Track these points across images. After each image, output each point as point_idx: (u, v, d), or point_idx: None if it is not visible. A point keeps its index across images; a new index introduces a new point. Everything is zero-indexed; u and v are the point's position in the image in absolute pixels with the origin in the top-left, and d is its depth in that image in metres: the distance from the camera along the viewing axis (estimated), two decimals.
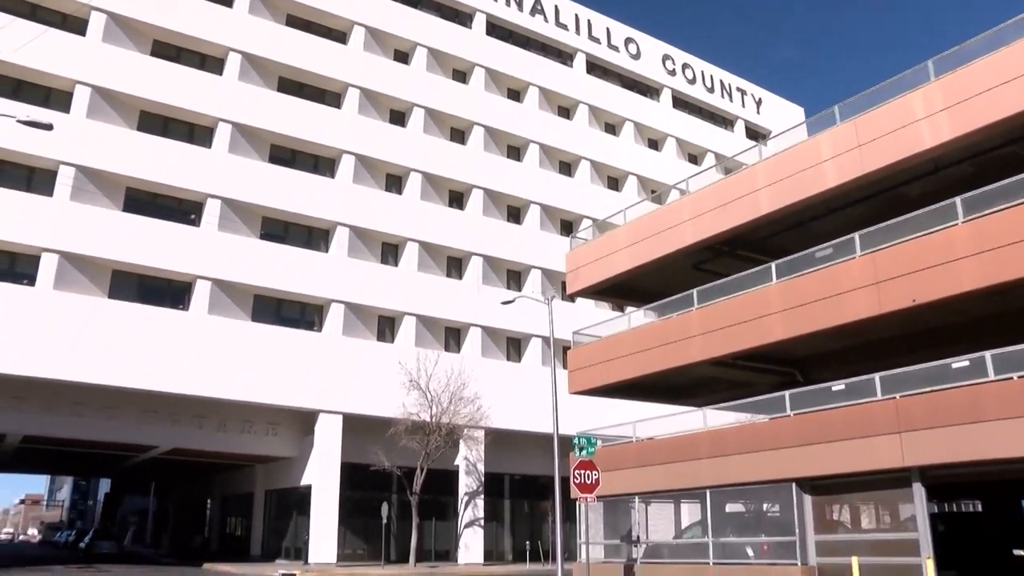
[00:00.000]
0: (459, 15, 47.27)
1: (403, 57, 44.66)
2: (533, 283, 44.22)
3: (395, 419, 35.98)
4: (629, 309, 27.40)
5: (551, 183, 47.11)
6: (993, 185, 15.70)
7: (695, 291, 22.17)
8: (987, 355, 15.25)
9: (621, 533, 23.21)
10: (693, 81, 56.00)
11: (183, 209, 36.44)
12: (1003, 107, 15.64)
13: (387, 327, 40.42)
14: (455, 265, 43.27)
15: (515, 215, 46.32)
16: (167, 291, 35.24)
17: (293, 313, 38.27)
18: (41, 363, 30.53)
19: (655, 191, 46.34)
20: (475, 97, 45.86)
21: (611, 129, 51.74)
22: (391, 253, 41.39)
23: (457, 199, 44.45)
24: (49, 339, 30.87)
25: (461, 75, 46.57)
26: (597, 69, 51.84)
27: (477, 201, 44.15)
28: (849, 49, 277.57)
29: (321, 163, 40.80)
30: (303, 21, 41.85)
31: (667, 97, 54.44)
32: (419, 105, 43.50)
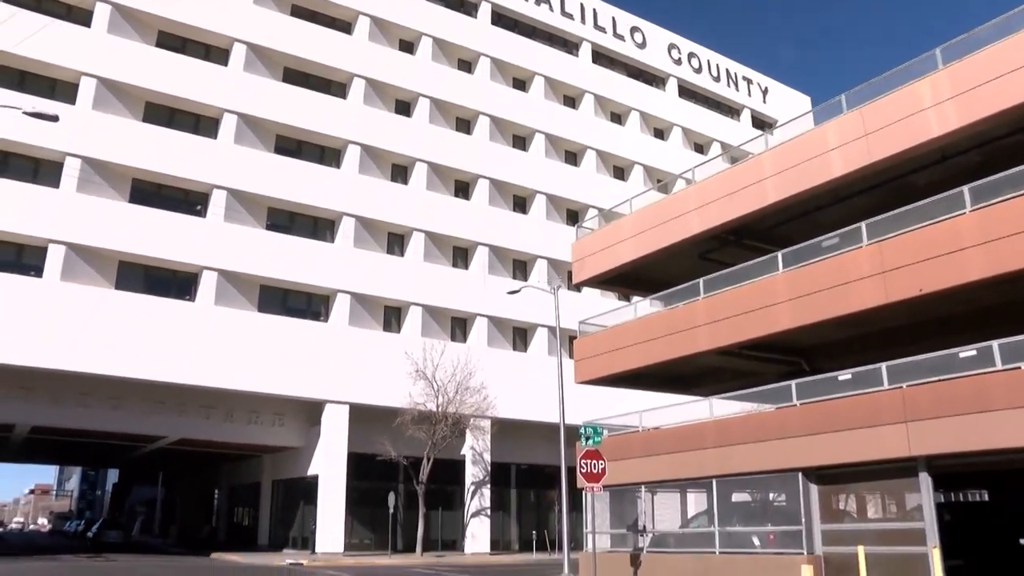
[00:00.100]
0: (464, 5, 47.14)
1: (408, 47, 44.58)
2: (539, 273, 44.22)
3: (401, 409, 36.12)
4: (635, 299, 27.33)
5: (557, 173, 47.05)
6: (1001, 174, 15.58)
7: (701, 280, 22.08)
8: (994, 344, 15.17)
9: (627, 522, 23.22)
10: (699, 70, 55.77)
11: (189, 200, 36.51)
12: (1011, 95, 15.51)
13: (393, 317, 40.49)
14: (461, 255, 43.29)
15: (521, 205, 46.28)
16: (173, 282, 35.34)
17: (299, 304, 38.34)
18: (48, 354, 30.70)
19: (661, 180, 46.18)
20: (481, 87, 45.77)
21: (617, 119, 51.61)
22: (397, 243, 41.42)
23: (463, 189, 44.43)
24: (56, 330, 31.02)
25: (466, 65, 46.46)
26: (603, 58, 51.66)
27: (483, 191, 44.12)
28: (856, 40, 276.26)
29: (327, 154, 40.80)
30: (308, 11, 41.79)
31: (673, 86, 54.25)
32: (424, 95, 43.45)
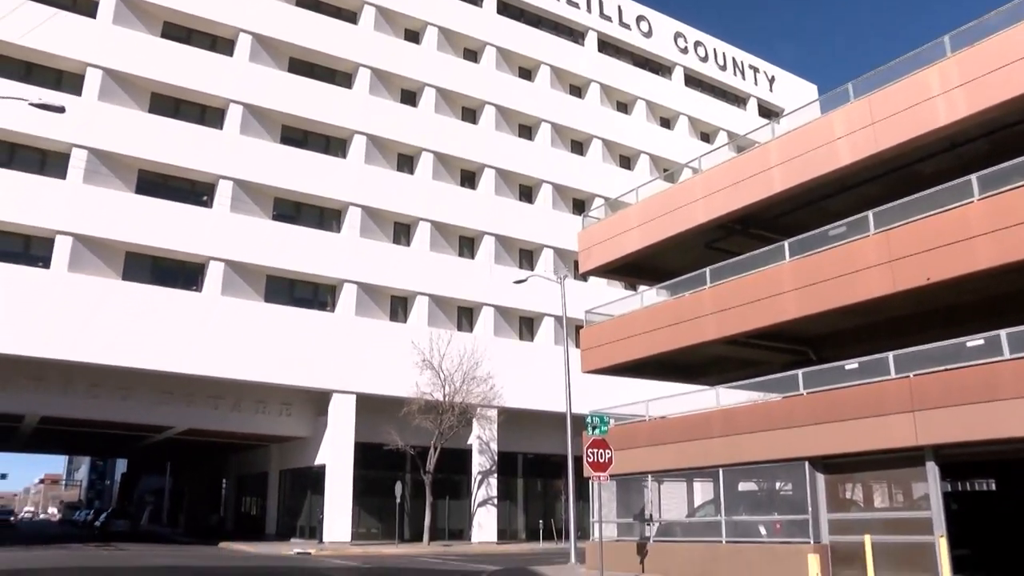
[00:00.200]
0: None
1: (414, 36, 44.46)
2: (545, 262, 44.19)
3: (408, 398, 36.19)
4: (642, 288, 27.27)
5: (563, 162, 46.95)
6: (1009, 162, 15.50)
7: (708, 270, 22.04)
8: (1002, 334, 15.12)
9: (634, 512, 23.26)
10: (705, 59, 55.53)
11: (195, 191, 36.56)
12: (1020, 83, 15.41)
13: (400, 307, 40.53)
14: (467, 244, 43.28)
15: (527, 194, 46.22)
16: (180, 272, 35.42)
17: (306, 293, 38.41)
18: (57, 345, 30.84)
19: (667, 170, 45.98)
20: (486, 76, 45.65)
21: (623, 108, 51.45)
22: (403, 233, 41.42)
23: (469, 179, 44.37)
24: (64, 321, 31.14)
25: (472, 54, 46.34)
26: (609, 47, 51.45)
27: (489, 180, 44.07)
28: (864, 29, 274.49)
29: (332, 144, 40.77)
30: (313, 1, 41.69)
31: (679, 75, 54.02)
32: (430, 85, 43.36)
